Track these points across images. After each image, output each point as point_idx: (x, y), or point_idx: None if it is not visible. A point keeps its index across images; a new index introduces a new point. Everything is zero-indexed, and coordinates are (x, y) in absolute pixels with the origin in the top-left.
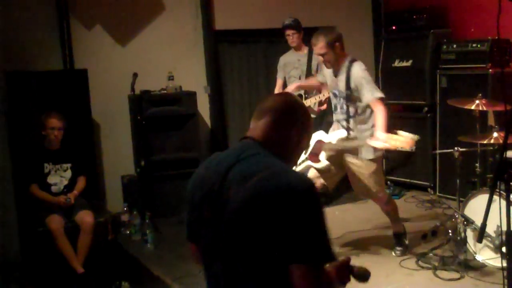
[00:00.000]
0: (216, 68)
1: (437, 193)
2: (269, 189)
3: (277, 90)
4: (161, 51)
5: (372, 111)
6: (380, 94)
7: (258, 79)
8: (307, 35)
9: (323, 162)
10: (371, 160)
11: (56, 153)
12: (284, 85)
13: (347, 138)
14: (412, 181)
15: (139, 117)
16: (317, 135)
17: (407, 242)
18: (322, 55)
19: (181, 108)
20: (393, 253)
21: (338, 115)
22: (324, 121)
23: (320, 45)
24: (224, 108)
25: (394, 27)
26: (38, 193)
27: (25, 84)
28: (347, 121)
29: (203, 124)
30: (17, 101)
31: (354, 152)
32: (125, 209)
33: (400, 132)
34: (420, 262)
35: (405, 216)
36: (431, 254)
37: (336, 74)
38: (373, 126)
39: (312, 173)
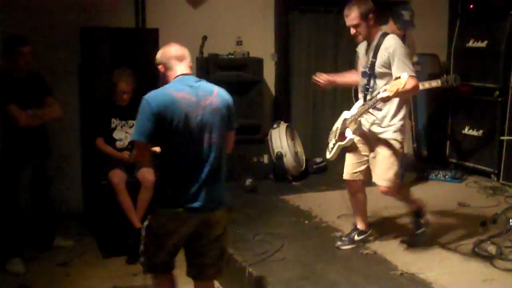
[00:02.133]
0: (284, 36)
1: (501, 180)
2: (225, 95)
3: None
4: (231, 16)
5: None
6: (412, 73)
7: (326, 50)
8: (380, 9)
9: (349, 136)
10: (389, 141)
11: (124, 109)
12: None
13: (363, 106)
14: (475, 166)
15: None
16: (343, 115)
17: (357, 238)
18: (355, 26)
19: (247, 74)
20: (336, 243)
21: (360, 93)
22: None
23: (353, 15)
24: (289, 76)
25: (471, 6)
26: (103, 147)
27: (98, 40)
28: (366, 94)
29: (267, 91)
30: (90, 56)
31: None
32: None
33: None
34: (476, 250)
35: (465, 201)
36: (489, 242)
37: (367, 49)
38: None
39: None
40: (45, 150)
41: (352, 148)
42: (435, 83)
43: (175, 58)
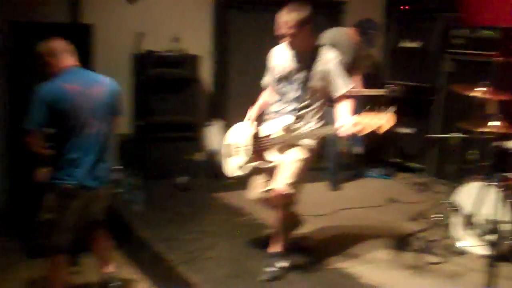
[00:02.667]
0: (222, 34)
1: (430, 177)
2: (110, 83)
3: None
4: (169, 12)
5: (323, 103)
6: (350, 86)
7: (265, 50)
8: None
9: (274, 160)
10: (309, 145)
11: None
12: None
13: (290, 127)
14: (407, 163)
15: (141, 77)
16: (261, 131)
17: (284, 265)
18: (291, 35)
19: (184, 72)
20: (261, 277)
21: (281, 107)
22: None
23: (291, 23)
24: (226, 75)
25: (407, 7)
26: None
27: (28, 35)
28: (298, 110)
29: (204, 90)
30: (20, 52)
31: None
32: (119, 168)
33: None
34: (404, 244)
35: (396, 197)
36: (416, 237)
37: (299, 58)
38: (320, 118)
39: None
40: None
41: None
42: (382, 92)
43: (66, 51)
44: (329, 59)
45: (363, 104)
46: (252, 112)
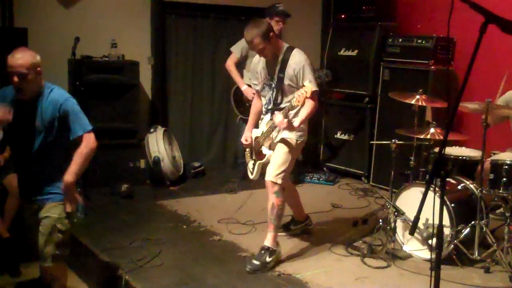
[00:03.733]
0: (161, 39)
1: (371, 183)
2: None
3: None
4: (106, 17)
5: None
6: (316, 88)
7: (203, 55)
8: (256, 15)
9: (267, 153)
10: (290, 139)
11: None
12: None
13: (271, 121)
14: (347, 169)
15: (78, 83)
16: (253, 134)
17: (268, 259)
18: (261, 50)
19: (123, 77)
20: (247, 267)
21: (267, 107)
22: None
23: (256, 41)
24: (166, 80)
25: (343, 15)
26: None
27: None
28: (275, 109)
29: (143, 95)
30: None
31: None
32: None
33: None
34: (349, 249)
35: (338, 202)
36: (360, 242)
37: (271, 64)
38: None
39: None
40: None
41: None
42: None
43: None
44: (297, 62)
45: None
46: (249, 120)
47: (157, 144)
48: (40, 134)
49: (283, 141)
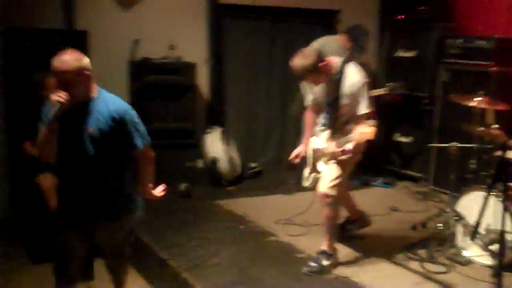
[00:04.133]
0: (217, 41)
1: (431, 186)
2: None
3: None
4: (164, 20)
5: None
6: (371, 109)
7: (259, 56)
8: (311, 17)
9: (322, 169)
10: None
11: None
12: None
13: (331, 139)
14: (406, 171)
15: (137, 84)
16: (312, 144)
17: (325, 263)
18: (312, 81)
19: (180, 79)
20: (303, 268)
21: (326, 120)
22: None
23: (305, 75)
24: (222, 82)
25: (400, 16)
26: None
27: (23, 42)
28: (331, 126)
29: (200, 96)
30: (14, 57)
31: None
32: None
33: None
34: (408, 253)
35: (397, 206)
36: (419, 246)
37: (326, 86)
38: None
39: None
40: None
41: None
42: (382, 91)
43: None
44: (354, 82)
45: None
46: (304, 134)
47: (215, 145)
48: (91, 144)
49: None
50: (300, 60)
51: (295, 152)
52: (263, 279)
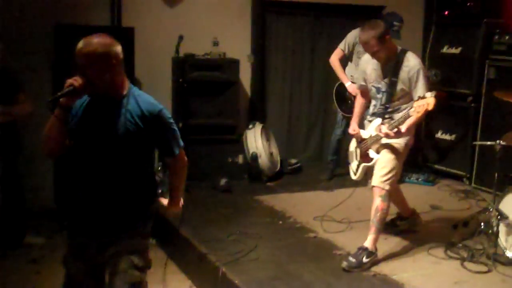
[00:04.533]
0: (261, 37)
1: (473, 184)
2: None
3: None
4: (208, 16)
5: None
6: (429, 93)
7: (303, 53)
8: (355, 13)
9: (375, 157)
10: (398, 144)
11: None
12: None
13: (382, 125)
14: (448, 169)
15: (181, 80)
16: (361, 135)
17: (365, 260)
18: (375, 52)
19: (223, 75)
20: (343, 263)
21: (375, 109)
22: None
23: (372, 42)
24: (265, 78)
25: (446, 12)
26: None
27: (72, 38)
28: (384, 113)
29: (243, 93)
30: (63, 54)
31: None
32: (160, 168)
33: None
34: (448, 252)
35: (438, 204)
36: (460, 245)
37: (385, 67)
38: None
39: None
40: (15, 147)
41: None
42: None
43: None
44: (412, 66)
45: None
46: (354, 113)
47: (255, 140)
48: (116, 147)
49: (391, 146)
50: (368, 27)
51: (351, 128)
52: (301, 275)
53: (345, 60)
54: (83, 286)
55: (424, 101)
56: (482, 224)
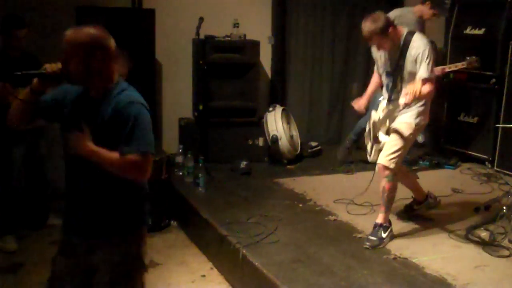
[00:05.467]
0: (282, 19)
1: (495, 168)
2: None
3: None
4: None
5: None
6: (429, 76)
7: (323, 34)
8: None
9: (383, 139)
10: (408, 123)
11: None
12: None
13: (388, 107)
14: (470, 152)
15: (201, 62)
16: (373, 117)
17: (384, 235)
18: (379, 45)
19: (244, 57)
20: (365, 244)
21: (385, 93)
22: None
23: (374, 37)
24: (285, 60)
25: None
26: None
27: (93, 20)
28: (391, 95)
29: (263, 75)
30: None
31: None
32: (180, 151)
33: None
34: (469, 236)
35: (459, 187)
36: (481, 229)
37: (391, 51)
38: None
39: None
40: (37, 130)
41: None
42: (460, 65)
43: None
44: (417, 47)
45: None
46: (364, 95)
47: (276, 123)
48: (95, 141)
49: (401, 125)
50: (369, 22)
51: (355, 101)
52: (321, 257)
53: None
54: (67, 285)
55: (413, 86)
56: (504, 208)
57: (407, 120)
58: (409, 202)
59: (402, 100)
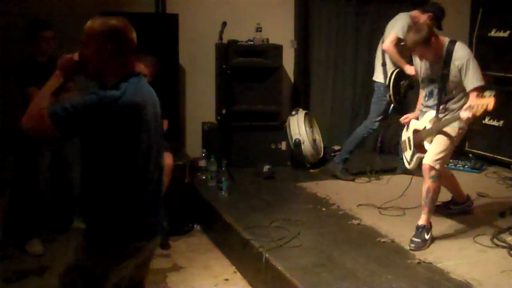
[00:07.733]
0: (304, 23)
1: None
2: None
3: None
4: (251, 2)
5: (465, 93)
6: (481, 83)
7: (346, 38)
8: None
9: (428, 147)
10: (452, 128)
11: None
12: None
13: (437, 118)
14: (495, 156)
15: (224, 66)
16: (412, 126)
17: (427, 237)
18: (422, 55)
19: (267, 61)
20: (410, 245)
21: (429, 102)
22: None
23: (418, 47)
24: (308, 64)
25: None
26: None
27: None
28: (438, 105)
29: (286, 79)
30: None
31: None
32: (203, 155)
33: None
34: (495, 240)
35: (484, 191)
36: (507, 233)
37: (434, 61)
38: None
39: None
40: None
41: None
42: None
43: (133, 41)
44: (461, 57)
45: None
46: (414, 114)
47: (298, 127)
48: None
49: (446, 128)
50: (412, 33)
51: (404, 116)
52: (344, 262)
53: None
54: None
55: (485, 101)
56: None
57: (452, 125)
58: (446, 201)
59: (464, 114)
